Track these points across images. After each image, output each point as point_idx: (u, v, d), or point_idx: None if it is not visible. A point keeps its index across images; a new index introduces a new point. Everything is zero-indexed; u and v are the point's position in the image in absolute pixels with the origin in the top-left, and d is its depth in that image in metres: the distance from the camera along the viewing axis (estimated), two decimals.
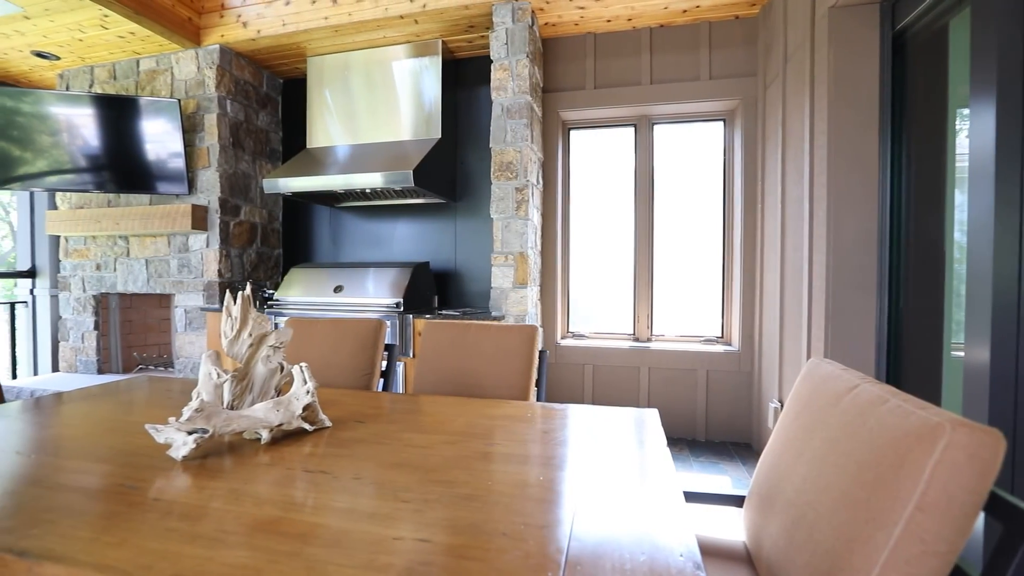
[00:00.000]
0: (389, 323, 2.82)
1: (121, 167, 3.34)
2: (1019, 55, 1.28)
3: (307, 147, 3.52)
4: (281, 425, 1.09)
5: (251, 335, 1.17)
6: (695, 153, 3.30)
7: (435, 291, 3.43)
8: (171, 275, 3.46)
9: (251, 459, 0.98)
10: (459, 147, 3.48)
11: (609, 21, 3.09)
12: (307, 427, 1.13)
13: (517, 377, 1.68)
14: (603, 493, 0.85)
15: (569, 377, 3.33)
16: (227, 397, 1.12)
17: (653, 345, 3.23)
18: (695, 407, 3.13)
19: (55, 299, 3.95)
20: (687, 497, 1.10)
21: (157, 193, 3.37)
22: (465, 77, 3.46)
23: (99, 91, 3.58)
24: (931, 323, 1.79)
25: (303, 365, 1.14)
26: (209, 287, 3.37)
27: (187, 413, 0.98)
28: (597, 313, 3.48)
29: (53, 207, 3.88)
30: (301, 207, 3.89)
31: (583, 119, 3.41)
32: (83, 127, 3.28)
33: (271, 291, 3.41)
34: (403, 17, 2.95)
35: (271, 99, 3.80)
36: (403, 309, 2.93)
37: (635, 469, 0.95)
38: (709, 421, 3.11)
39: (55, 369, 3.95)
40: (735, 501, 1.15)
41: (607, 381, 3.26)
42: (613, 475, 0.92)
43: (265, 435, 1.07)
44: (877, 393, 0.77)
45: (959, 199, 1.68)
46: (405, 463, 0.97)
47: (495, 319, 2.83)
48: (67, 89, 3.68)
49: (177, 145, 3.28)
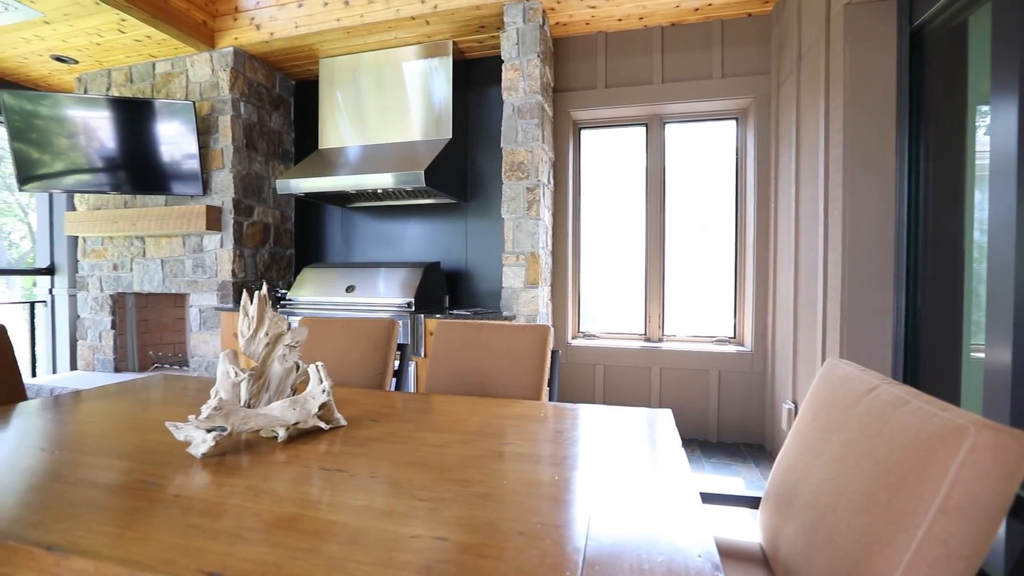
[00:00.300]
0: (401, 323, 2.83)
1: (137, 168, 3.39)
2: None
3: (319, 148, 3.55)
4: (297, 423, 1.10)
5: (267, 334, 1.18)
6: (707, 152, 3.28)
7: (446, 291, 3.44)
8: (186, 275, 3.51)
9: (268, 457, 1.00)
10: (470, 147, 3.48)
11: (620, 20, 3.08)
12: (323, 426, 1.14)
13: (529, 377, 1.68)
14: (618, 493, 0.85)
15: (580, 377, 3.32)
16: (244, 395, 1.13)
17: (664, 345, 3.22)
18: (707, 408, 3.11)
19: (73, 299, 4.03)
20: (701, 498, 1.10)
21: (172, 194, 3.42)
22: (476, 77, 3.47)
23: (116, 94, 3.64)
24: (950, 323, 1.76)
25: (319, 364, 1.16)
26: (223, 287, 3.41)
27: (206, 411, 1.00)
28: (608, 313, 3.46)
29: (71, 208, 3.96)
30: (313, 207, 3.92)
31: (594, 119, 3.40)
32: (100, 129, 3.34)
33: (284, 291, 3.44)
34: (414, 18, 2.96)
35: (283, 101, 3.84)
36: (414, 309, 2.94)
37: (650, 469, 0.95)
38: (721, 422, 3.09)
39: (73, 367, 4.02)
40: (750, 502, 1.14)
41: (618, 381, 3.25)
42: (628, 475, 0.92)
43: (282, 433, 1.08)
44: (897, 394, 0.75)
45: (978, 198, 1.65)
46: (420, 462, 0.97)
47: (506, 319, 2.83)
48: (85, 92, 3.75)
49: (192, 147, 3.32)
